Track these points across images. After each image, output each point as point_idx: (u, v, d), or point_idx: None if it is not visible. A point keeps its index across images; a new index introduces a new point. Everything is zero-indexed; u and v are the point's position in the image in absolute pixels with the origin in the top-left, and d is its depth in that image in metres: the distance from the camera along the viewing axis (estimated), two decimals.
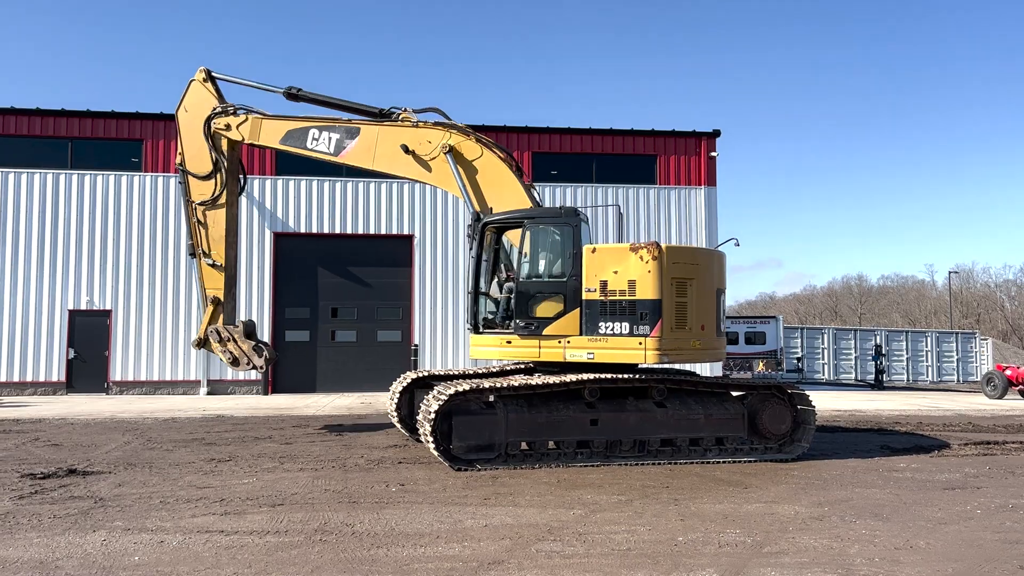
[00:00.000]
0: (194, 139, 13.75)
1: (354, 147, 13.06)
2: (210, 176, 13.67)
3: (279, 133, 13.52)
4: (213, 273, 13.78)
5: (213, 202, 13.71)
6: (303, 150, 13.38)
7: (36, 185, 23.03)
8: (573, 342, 10.79)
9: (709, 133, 26.05)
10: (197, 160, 13.71)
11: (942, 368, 36.94)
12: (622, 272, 10.62)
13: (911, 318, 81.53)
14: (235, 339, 13.57)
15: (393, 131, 12.92)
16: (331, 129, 13.25)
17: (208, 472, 9.87)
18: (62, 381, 22.65)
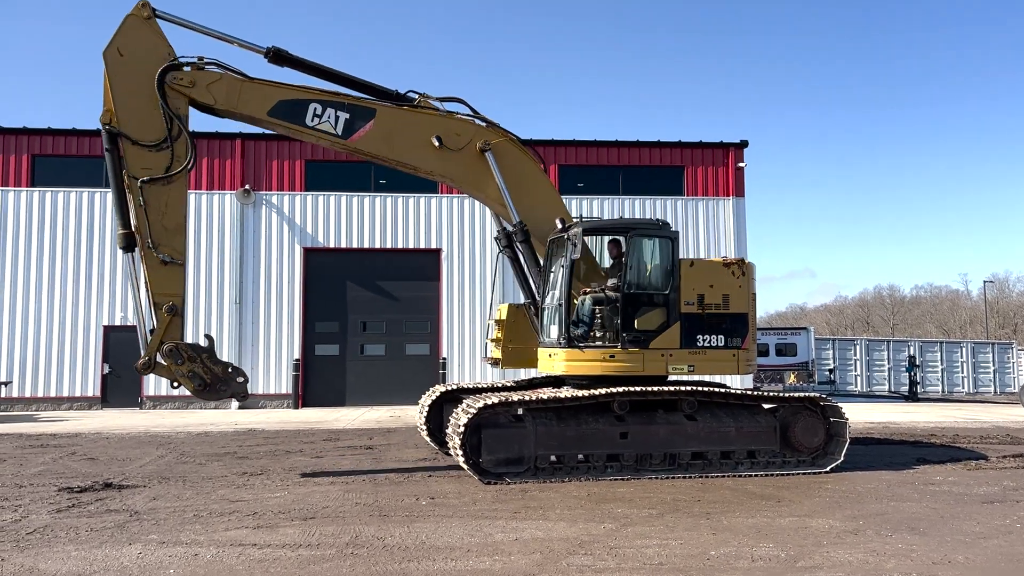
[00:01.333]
0: (133, 94, 10.22)
1: (369, 130, 11.07)
2: (161, 145, 10.22)
3: (267, 102, 10.73)
4: (167, 273, 10.18)
5: (167, 180, 10.24)
6: (300, 128, 10.87)
7: (73, 203, 23.51)
8: (675, 355, 10.93)
9: (737, 144, 25.93)
10: (139, 122, 10.22)
11: (978, 379, 36.32)
12: (717, 286, 11.08)
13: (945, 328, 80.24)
14: (202, 359, 10.23)
15: (419, 117, 11.41)
16: (337, 106, 10.98)
17: (240, 486, 9.96)
18: (97, 396, 23.02)
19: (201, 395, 10.29)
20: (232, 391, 10.38)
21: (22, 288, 23.11)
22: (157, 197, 10.17)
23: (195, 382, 10.19)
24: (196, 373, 10.21)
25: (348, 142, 11.02)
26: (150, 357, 10.13)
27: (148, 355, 10.13)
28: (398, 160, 11.37)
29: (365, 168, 24.66)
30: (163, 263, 10.17)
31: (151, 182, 10.16)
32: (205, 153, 23.94)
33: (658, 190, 25.63)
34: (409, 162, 11.39)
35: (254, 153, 24.16)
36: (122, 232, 10.20)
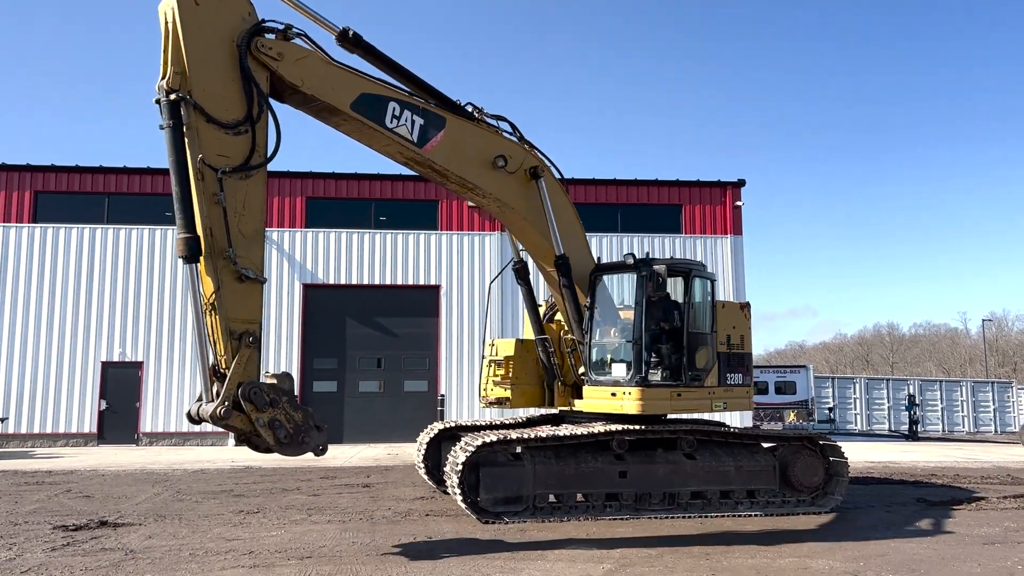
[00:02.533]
0: (208, 56, 8.01)
1: (440, 141, 9.84)
2: (240, 127, 8.13)
3: (352, 92, 9.10)
4: (245, 291, 7.97)
5: (245, 173, 8.13)
6: (378, 128, 9.30)
7: (74, 239, 23.60)
8: (716, 393, 11.21)
9: (734, 183, 26.14)
10: (215, 94, 8.03)
11: (978, 418, 36.19)
12: (737, 328, 11.66)
13: (945, 367, 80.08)
14: (283, 403, 7.88)
15: (482, 133, 10.47)
16: (413, 108, 9.62)
17: (237, 524, 9.89)
18: (93, 432, 22.88)
19: (283, 449, 7.88)
20: (314, 443, 8.07)
21: (21, 323, 23.09)
22: (234, 194, 8.00)
23: (279, 433, 7.77)
24: (279, 422, 7.80)
25: (422, 151, 9.71)
26: (228, 402, 7.52)
27: (225, 399, 7.50)
28: (462, 177, 10.16)
29: (365, 205, 24.84)
30: (240, 279, 7.89)
31: (229, 174, 8.02)
32: None
33: (656, 228, 25.78)
34: (471, 180, 10.23)
35: None
36: (186, 237, 7.62)
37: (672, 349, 10.88)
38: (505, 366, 11.85)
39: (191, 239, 7.64)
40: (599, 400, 10.90)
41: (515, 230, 11.43)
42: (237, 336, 7.77)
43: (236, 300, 7.86)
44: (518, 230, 11.34)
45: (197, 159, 7.84)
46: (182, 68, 7.81)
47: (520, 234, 11.42)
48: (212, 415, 7.53)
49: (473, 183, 10.23)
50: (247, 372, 7.79)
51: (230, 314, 7.78)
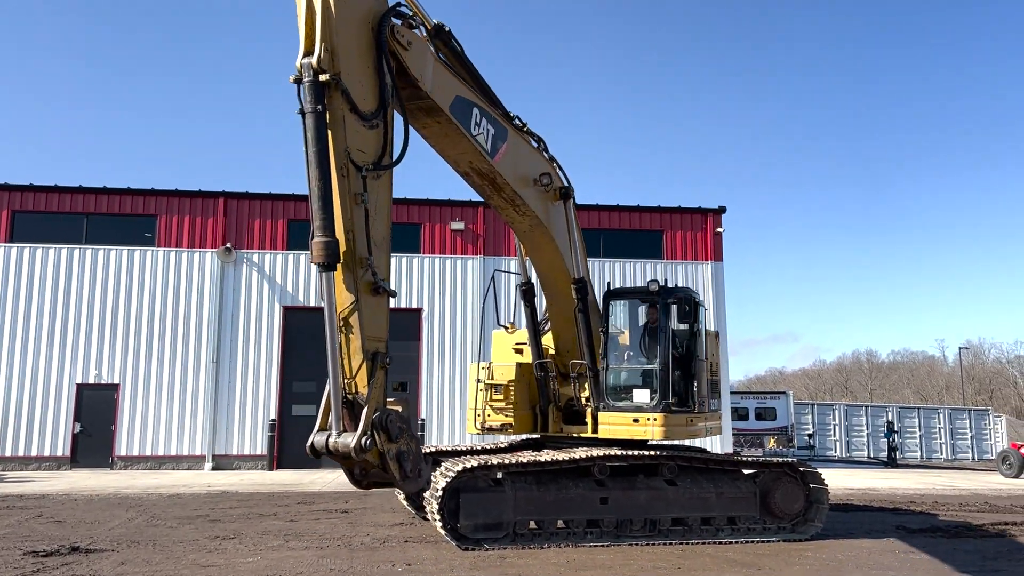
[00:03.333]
0: (354, 36, 7.10)
1: (504, 153, 9.47)
2: (375, 119, 7.18)
3: (451, 93, 8.53)
4: (378, 305, 7.14)
5: (376, 172, 7.19)
6: (463, 132, 8.71)
7: (51, 260, 23.32)
8: (708, 418, 11.47)
9: (715, 209, 26.36)
10: (356, 80, 7.05)
11: (956, 445, 36.44)
12: (715, 355, 12.05)
13: (923, 394, 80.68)
14: (407, 432, 6.90)
15: (532, 150, 10.29)
16: (489, 117, 9.18)
17: (212, 550, 9.72)
18: (67, 456, 22.48)
19: (407, 484, 6.95)
20: (427, 477, 7.25)
21: None
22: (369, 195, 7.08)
23: (405, 465, 6.78)
24: (405, 453, 6.82)
25: (493, 162, 9.28)
26: (368, 432, 6.50)
27: (367, 428, 6.50)
28: (516, 192, 9.76)
29: None
30: (376, 291, 7.03)
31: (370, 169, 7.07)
32: (187, 211, 23.98)
33: (638, 253, 25.89)
34: (522, 196, 9.88)
35: (236, 212, 24.20)
36: (327, 240, 6.50)
37: (682, 376, 11.17)
38: (506, 391, 11.78)
39: (332, 243, 6.52)
40: (618, 426, 10.90)
41: (536, 250, 11.00)
42: (371, 356, 6.85)
43: (371, 315, 6.97)
44: (540, 250, 10.93)
45: (343, 152, 6.82)
46: (332, 46, 6.81)
47: (540, 254, 11.03)
48: (356, 447, 6.37)
49: (522, 199, 9.93)
50: (380, 397, 6.84)
51: (367, 331, 6.87)
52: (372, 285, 6.88)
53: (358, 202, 6.87)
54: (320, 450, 6.64)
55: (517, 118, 10.05)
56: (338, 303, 6.70)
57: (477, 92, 9.09)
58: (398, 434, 6.66)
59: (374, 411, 6.57)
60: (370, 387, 6.69)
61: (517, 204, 9.98)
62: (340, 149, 6.78)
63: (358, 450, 6.35)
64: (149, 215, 23.96)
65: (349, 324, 6.79)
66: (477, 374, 12.18)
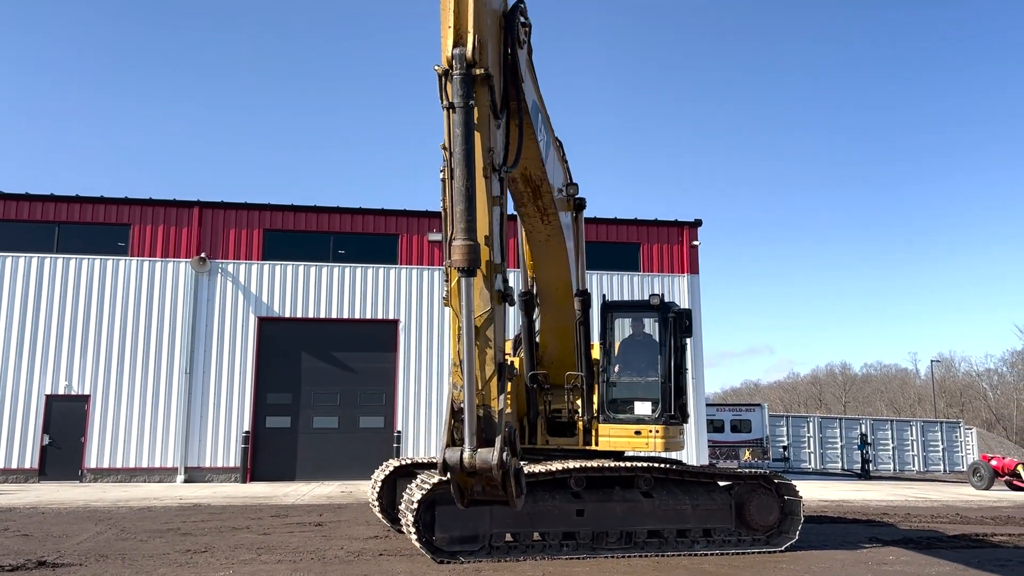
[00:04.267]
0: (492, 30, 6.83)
1: (550, 160, 9.19)
2: (499, 118, 6.88)
3: (531, 95, 8.11)
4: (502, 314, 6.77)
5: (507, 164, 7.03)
6: (535, 136, 8.32)
7: (20, 269, 22.99)
8: (684, 429, 11.71)
9: (691, 223, 26.59)
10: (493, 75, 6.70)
11: (928, 457, 36.84)
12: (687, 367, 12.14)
13: (896, 406, 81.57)
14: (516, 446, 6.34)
15: (558, 159, 10.09)
16: (545, 123, 8.94)
17: (183, 564, 9.57)
18: (35, 468, 22.10)
19: (518, 502, 6.31)
20: (521, 489, 6.41)
21: None
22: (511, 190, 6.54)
23: (523, 482, 6.33)
24: (521, 469, 6.35)
25: (544, 166, 8.98)
26: (505, 449, 6.01)
27: (505, 443, 6.05)
28: (552, 200, 9.49)
29: (324, 238, 24.67)
30: (503, 299, 6.63)
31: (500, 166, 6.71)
32: (161, 220, 23.76)
33: (615, 265, 26.02)
34: (554, 204, 9.61)
35: (211, 221, 24.02)
36: (470, 244, 6.10)
37: (677, 388, 11.36)
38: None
39: (476, 247, 6.11)
40: (619, 438, 11.09)
41: (547, 260, 10.66)
42: (498, 367, 6.36)
43: (500, 324, 6.56)
44: (552, 260, 10.61)
45: (487, 152, 6.44)
46: (484, 38, 6.39)
47: (550, 264, 10.71)
48: (497, 463, 5.87)
49: (555, 208, 9.62)
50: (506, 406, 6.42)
51: (498, 341, 6.43)
52: (501, 294, 6.55)
53: (496, 204, 6.54)
54: (455, 467, 6.03)
55: None
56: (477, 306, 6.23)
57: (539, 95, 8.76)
58: (517, 449, 6.29)
59: (505, 425, 6.19)
60: (501, 400, 6.28)
61: (548, 213, 9.69)
62: (485, 148, 6.42)
63: (500, 466, 5.89)
64: (122, 224, 23.72)
65: (484, 334, 6.35)
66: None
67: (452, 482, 6.16)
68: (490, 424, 6.14)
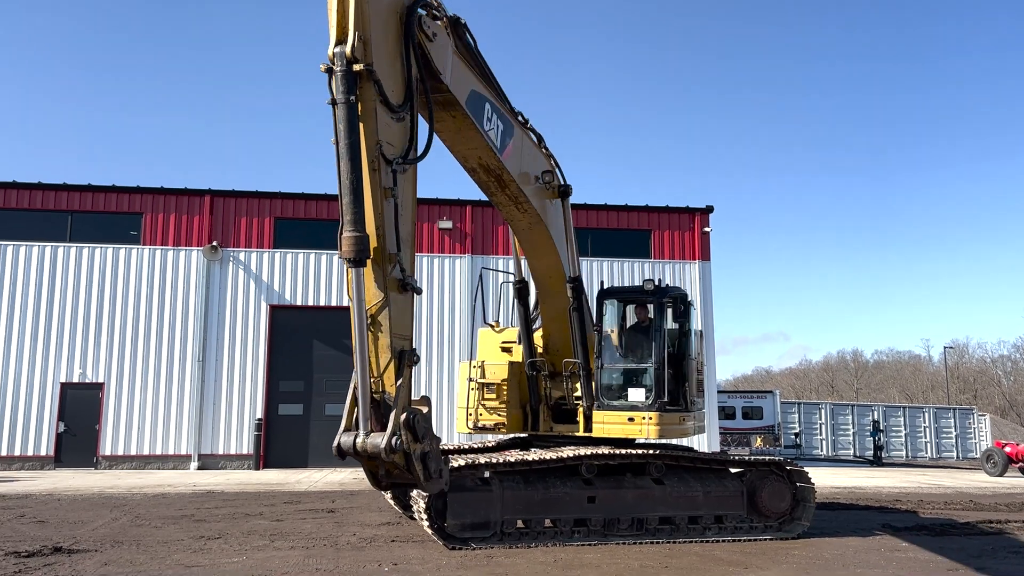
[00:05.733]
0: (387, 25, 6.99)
1: (511, 149, 9.36)
2: (402, 112, 7.01)
3: (467, 87, 8.41)
4: (404, 302, 6.88)
5: (403, 167, 7.00)
6: (477, 127, 8.58)
7: (34, 258, 23.12)
8: (696, 416, 11.52)
9: (702, 209, 26.43)
10: (386, 70, 6.90)
11: (941, 444, 36.67)
12: (700, 353, 12.01)
13: (908, 393, 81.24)
14: (430, 433, 6.63)
15: (535, 147, 10.28)
16: (499, 113, 9.08)
17: (197, 550, 9.65)
18: (50, 455, 22.30)
19: (429, 485, 6.70)
20: (446, 478, 6.94)
21: None
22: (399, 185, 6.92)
23: (430, 467, 6.55)
24: (429, 454, 6.58)
25: (502, 158, 9.15)
26: (398, 432, 6.23)
27: (397, 428, 6.24)
28: (521, 189, 9.65)
29: (334, 225, 24.29)
30: (404, 288, 6.79)
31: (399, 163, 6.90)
32: (173, 209, 23.83)
33: (626, 253, 25.94)
34: (525, 194, 9.79)
35: (223, 210, 24.07)
36: (357, 235, 6.42)
37: (674, 375, 11.19)
38: (498, 390, 11.76)
39: (364, 238, 6.39)
40: (613, 425, 10.89)
41: (534, 248, 10.90)
42: (398, 354, 6.59)
43: (399, 312, 6.72)
44: (538, 248, 10.85)
45: (374, 145, 6.65)
46: (366, 35, 6.58)
47: (538, 252, 10.94)
48: (386, 448, 6.13)
49: (525, 197, 9.83)
50: (407, 396, 6.59)
51: (395, 329, 6.63)
52: (400, 282, 6.71)
53: (388, 196, 6.72)
54: (347, 451, 6.38)
55: (520, 114, 9.98)
56: (367, 300, 6.45)
57: (489, 87, 8.96)
58: (423, 434, 6.44)
59: (402, 411, 6.37)
60: (398, 386, 6.46)
61: (520, 202, 9.92)
62: (372, 142, 6.62)
63: (388, 450, 6.12)
64: (134, 213, 23.79)
65: (377, 322, 6.58)
66: (468, 373, 12.11)
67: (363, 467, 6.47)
68: (385, 410, 6.34)
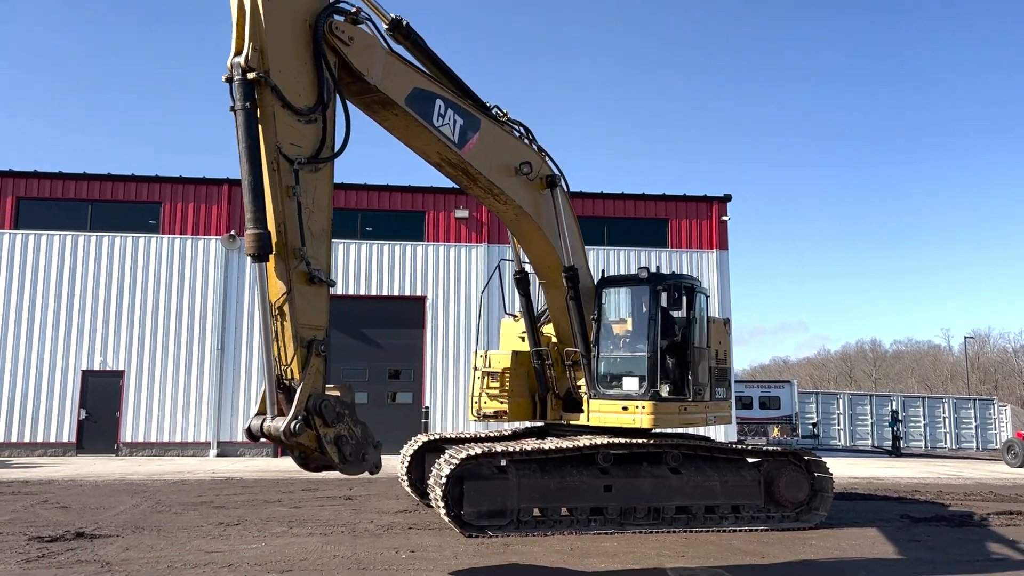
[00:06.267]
0: (286, 33, 7.33)
1: (475, 144, 9.57)
2: (312, 114, 7.44)
3: (407, 86, 8.67)
4: (315, 294, 7.28)
5: (314, 166, 7.45)
6: (427, 125, 8.91)
7: (55, 247, 23.36)
8: (710, 407, 11.34)
9: (720, 197, 26.27)
10: (292, 77, 7.33)
11: (960, 435, 36.35)
12: (723, 343, 11.80)
13: (927, 383, 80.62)
14: (348, 419, 7.27)
15: (510, 139, 10.35)
16: (456, 108, 9.31)
17: (216, 536, 9.75)
18: (72, 442, 22.58)
19: (347, 467, 7.23)
20: (373, 461, 7.44)
21: (0, 330, 22.81)
22: (304, 188, 7.34)
23: (344, 450, 7.11)
24: (345, 438, 7.14)
25: (461, 152, 9.39)
26: (300, 416, 6.76)
27: (298, 413, 6.75)
28: (492, 182, 9.91)
29: (352, 215, 24.74)
30: (311, 281, 7.22)
31: (303, 162, 7.32)
32: (192, 198, 23.97)
33: (643, 242, 25.84)
34: (499, 185, 10.00)
35: (240, 199, 24.13)
36: (258, 232, 6.76)
37: (677, 364, 11.06)
38: (501, 379, 11.80)
39: (263, 235, 6.78)
40: (608, 414, 10.80)
41: (525, 239, 11.12)
42: (307, 343, 7.04)
43: (306, 304, 7.14)
44: (528, 239, 11.04)
45: (273, 147, 7.06)
46: (261, 45, 7.04)
47: (529, 243, 11.14)
48: (285, 431, 6.64)
49: (500, 188, 10.01)
50: (316, 383, 7.07)
51: (301, 319, 7.06)
52: (307, 275, 7.10)
53: (289, 195, 7.08)
54: (256, 434, 6.97)
55: (496, 108, 10.13)
56: (272, 292, 6.97)
57: (442, 83, 9.22)
58: (335, 419, 6.97)
59: (307, 396, 6.82)
60: (304, 373, 6.89)
61: (496, 193, 10.07)
62: (271, 144, 7.03)
63: (287, 434, 6.64)
64: (153, 202, 23.96)
65: (283, 312, 7.03)
66: (475, 362, 12.28)
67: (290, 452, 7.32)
68: (290, 396, 6.83)
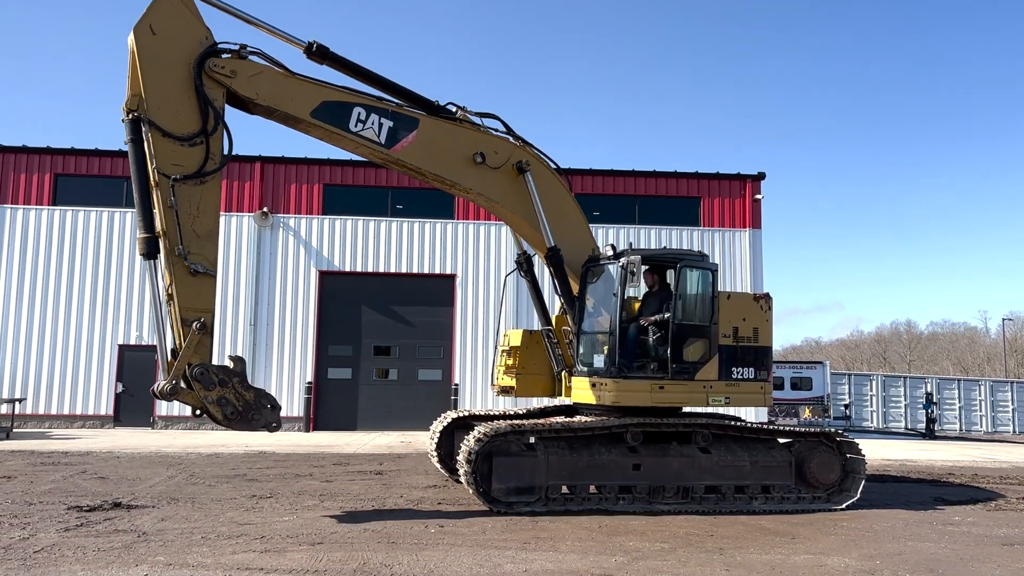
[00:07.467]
0: (165, 78, 9.12)
1: (411, 141, 10.43)
2: (195, 139, 9.22)
3: (311, 101, 9.94)
4: (198, 284, 9.08)
5: (200, 179, 9.20)
6: (342, 132, 10.10)
7: (92, 223, 23.73)
8: (715, 387, 10.92)
9: (754, 176, 25.92)
10: (171, 111, 9.13)
11: (997, 418, 35.81)
12: (749, 320, 11.22)
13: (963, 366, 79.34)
14: (233, 384, 9.11)
15: (460, 131, 10.94)
16: (382, 112, 10.29)
17: (249, 508, 9.90)
18: (110, 415, 23.06)
19: (231, 424, 9.05)
20: (265, 421, 9.22)
21: (39, 305, 23.28)
22: (188, 198, 9.05)
23: (226, 410, 8.96)
24: (227, 400, 9.00)
25: (391, 152, 10.35)
26: (176, 380, 8.76)
27: (173, 378, 8.75)
28: (437, 174, 10.73)
29: (382, 193, 24.81)
30: (193, 273, 8.98)
31: (182, 181, 9.02)
32: (225, 175, 24.08)
33: (674, 220, 25.62)
34: (449, 177, 10.79)
35: (273, 176, 24.34)
36: (144, 236, 8.85)
37: (658, 341, 10.81)
38: (513, 356, 11.94)
39: (149, 239, 8.90)
40: (582, 391, 10.96)
41: (508, 223, 11.83)
42: (189, 323, 8.94)
43: (189, 292, 9.02)
44: (510, 223, 11.75)
45: (154, 170, 8.97)
46: (139, 91, 9.03)
47: (514, 227, 11.87)
48: (159, 391, 8.89)
49: (451, 179, 10.83)
50: (197, 355, 8.98)
51: (183, 303, 8.98)
52: (187, 269, 8.99)
53: (168, 206, 8.93)
54: (154, 393, 9.14)
55: (451, 103, 10.90)
56: (167, 283, 8.99)
57: (364, 93, 10.33)
58: (213, 384, 8.92)
59: (185, 365, 8.86)
60: (184, 347, 8.87)
61: (449, 184, 10.95)
62: (152, 168, 8.98)
63: (161, 394, 8.90)
64: None
65: (172, 297, 8.98)
66: (500, 340, 12.65)
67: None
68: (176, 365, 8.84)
